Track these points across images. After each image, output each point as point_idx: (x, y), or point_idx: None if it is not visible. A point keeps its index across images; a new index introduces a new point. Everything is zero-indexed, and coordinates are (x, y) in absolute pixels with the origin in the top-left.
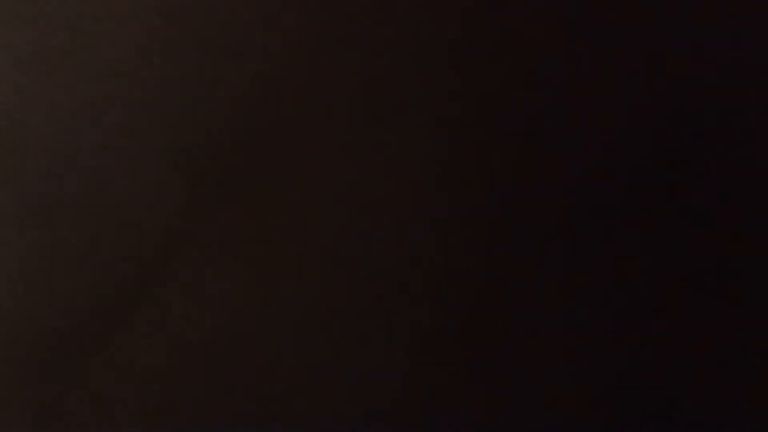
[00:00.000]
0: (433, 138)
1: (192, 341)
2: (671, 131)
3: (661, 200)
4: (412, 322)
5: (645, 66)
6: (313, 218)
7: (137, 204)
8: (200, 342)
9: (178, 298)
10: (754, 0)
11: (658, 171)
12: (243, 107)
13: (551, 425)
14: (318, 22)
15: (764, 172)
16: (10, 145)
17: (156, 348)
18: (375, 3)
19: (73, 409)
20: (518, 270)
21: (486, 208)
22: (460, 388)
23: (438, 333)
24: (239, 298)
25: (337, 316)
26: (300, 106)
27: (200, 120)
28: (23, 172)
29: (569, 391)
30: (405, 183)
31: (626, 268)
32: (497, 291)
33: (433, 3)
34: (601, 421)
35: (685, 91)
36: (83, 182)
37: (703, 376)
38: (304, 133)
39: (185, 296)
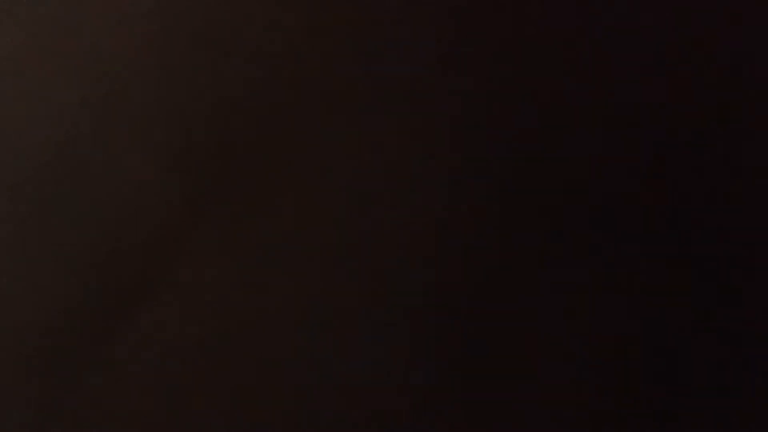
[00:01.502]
0: (433, 137)
1: (192, 341)
2: (671, 131)
3: (660, 200)
4: (412, 321)
5: (645, 66)
6: (313, 218)
7: (137, 204)
8: (200, 342)
9: (178, 298)
10: (754, 0)
11: (657, 171)
12: (243, 107)
13: (551, 425)
14: (318, 22)
15: (764, 172)
16: (10, 145)
17: (156, 348)
18: (375, 3)
19: (73, 409)
20: (518, 269)
21: (486, 207)
22: (460, 388)
23: (438, 332)
24: (239, 298)
25: (336, 316)
26: (300, 105)
27: (200, 120)
28: (23, 172)
29: (569, 391)
30: (405, 182)
31: (626, 268)
32: (497, 290)
33: (433, 2)
34: (602, 422)
35: (685, 91)
36: (83, 182)
37: (703, 376)
38: (303, 133)
39: (185, 296)
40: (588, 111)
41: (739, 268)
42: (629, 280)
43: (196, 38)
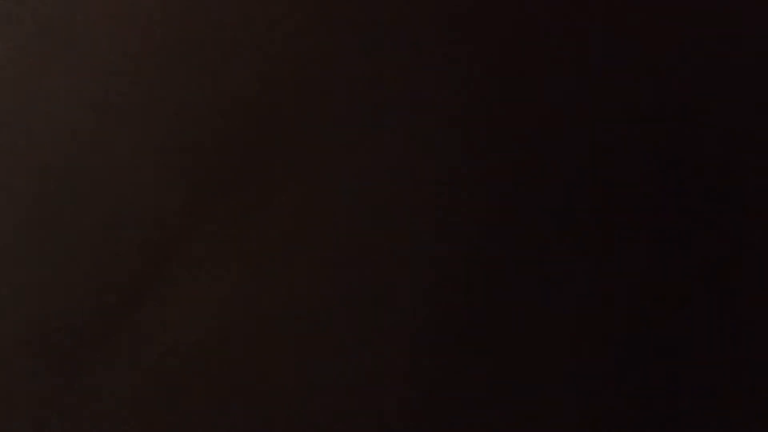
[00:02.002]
0: (433, 138)
1: (192, 341)
2: (671, 131)
3: (660, 200)
4: (412, 322)
5: (645, 66)
6: (313, 218)
7: (137, 204)
8: (200, 342)
9: (178, 298)
10: (754, 0)
11: (658, 171)
12: (243, 107)
13: (552, 425)
14: (319, 23)
15: (764, 172)
16: (10, 145)
17: (156, 348)
18: (376, 3)
19: (73, 408)
20: (518, 269)
21: (486, 207)
22: (460, 388)
23: (438, 333)
24: (239, 298)
25: (337, 316)
26: (300, 105)
27: (200, 120)
28: (23, 172)
29: (570, 391)
30: (406, 183)
31: (626, 268)
32: (497, 291)
33: (433, 2)
34: (602, 422)
35: (685, 91)
36: (83, 182)
37: (703, 376)
38: (304, 133)
39: (185, 296)
40: (588, 110)
41: (740, 267)
42: (629, 279)
43: (196, 38)
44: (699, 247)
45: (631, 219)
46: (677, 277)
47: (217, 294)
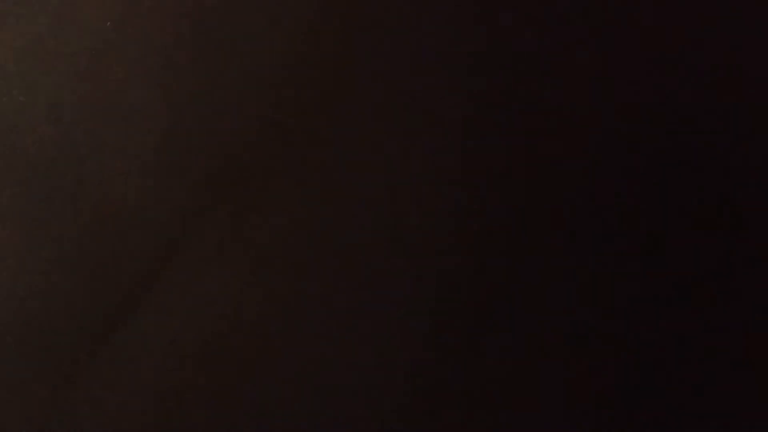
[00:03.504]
0: (434, 137)
1: (192, 342)
2: (671, 131)
3: (660, 200)
4: (413, 322)
5: (645, 66)
6: (314, 218)
7: (137, 204)
8: (200, 342)
9: (178, 298)
10: (754, 0)
11: (657, 171)
12: (243, 107)
13: (552, 426)
14: (320, 23)
15: (764, 172)
16: (10, 145)
17: (156, 348)
18: (377, 3)
19: (73, 409)
20: (519, 269)
21: (488, 207)
22: (461, 388)
23: (440, 333)
24: (239, 297)
25: (337, 316)
26: (301, 105)
27: (200, 120)
28: (23, 172)
29: (570, 391)
30: (407, 183)
31: (625, 268)
32: (498, 291)
33: (435, 3)
34: (603, 422)
35: (685, 91)
36: (83, 182)
37: (701, 377)
38: (304, 133)
39: (185, 296)
40: (589, 111)
41: (741, 268)
42: (629, 280)
43: (196, 38)
44: (699, 247)
45: (632, 219)
46: (677, 277)
47: (218, 295)
